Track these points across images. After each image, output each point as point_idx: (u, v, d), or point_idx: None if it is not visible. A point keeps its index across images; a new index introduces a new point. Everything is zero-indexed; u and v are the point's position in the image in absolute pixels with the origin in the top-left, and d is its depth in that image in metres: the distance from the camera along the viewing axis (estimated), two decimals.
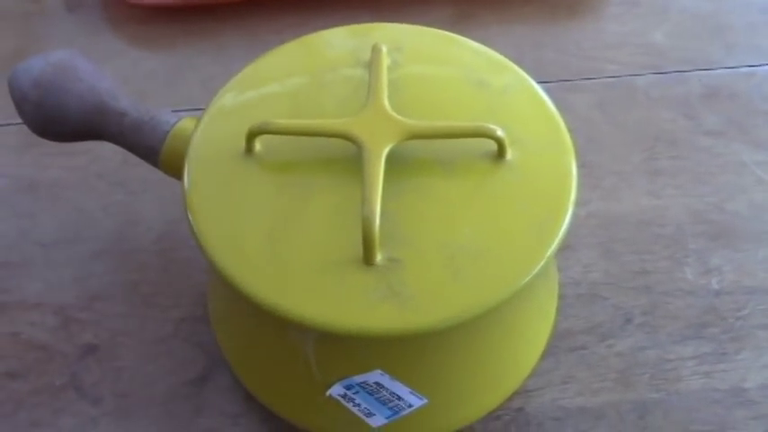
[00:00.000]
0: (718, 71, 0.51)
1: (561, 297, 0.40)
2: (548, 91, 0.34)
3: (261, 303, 0.28)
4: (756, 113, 0.49)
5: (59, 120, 0.36)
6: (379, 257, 0.28)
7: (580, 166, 0.46)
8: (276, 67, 0.35)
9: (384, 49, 0.33)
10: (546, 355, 0.39)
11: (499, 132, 0.30)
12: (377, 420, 0.32)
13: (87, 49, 0.40)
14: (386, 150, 0.29)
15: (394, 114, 0.31)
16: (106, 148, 0.47)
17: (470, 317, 0.27)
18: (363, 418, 0.32)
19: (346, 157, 0.31)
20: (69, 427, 0.37)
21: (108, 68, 0.48)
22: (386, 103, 0.31)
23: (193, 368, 0.39)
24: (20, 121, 0.38)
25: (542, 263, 0.29)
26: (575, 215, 0.43)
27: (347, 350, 0.30)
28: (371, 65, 0.32)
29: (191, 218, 0.30)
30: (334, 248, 0.29)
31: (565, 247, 0.42)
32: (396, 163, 0.30)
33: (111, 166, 0.46)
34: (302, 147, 0.31)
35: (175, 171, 0.35)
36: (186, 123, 0.35)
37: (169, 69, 0.51)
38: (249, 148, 0.31)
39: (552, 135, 0.32)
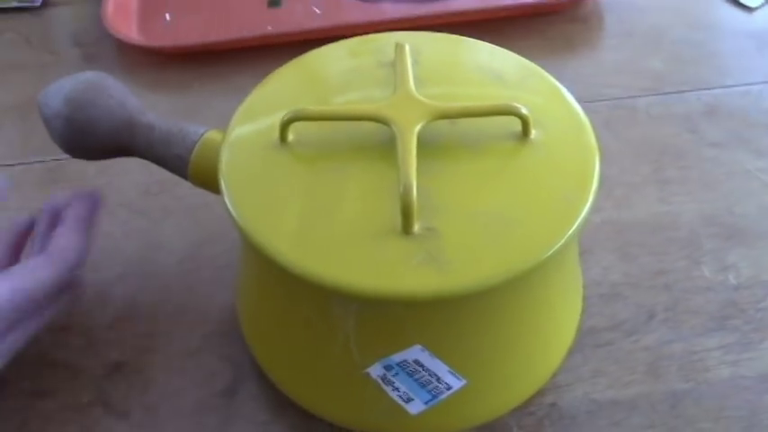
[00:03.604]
0: (715, 90, 0.53)
1: (584, 298, 0.41)
2: None
3: (304, 275, 0.28)
4: (755, 126, 0.50)
5: (89, 134, 0.37)
6: (416, 227, 0.29)
7: None
8: (301, 71, 0.36)
9: (407, 45, 0.35)
10: (573, 351, 0.39)
11: (524, 110, 0.32)
12: (416, 406, 0.32)
13: None
14: (417, 128, 0.31)
15: (422, 98, 0.32)
16: (127, 180, 0.48)
17: (507, 278, 0.28)
18: (402, 404, 0.32)
19: (377, 142, 0.32)
20: None
21: None
22: (413, 89, 0.32)
23: (221, 380, 0.39)
24: (42, 158, 0.39)
25: (573, 229, 0.29)
26: (590, 222, 0.45)
27: (388, 322, 0.30)
28: (396, 58, 0.34)
29: (227, 200, 0.31)
30: (372, 221, 0.29)
31: (583, 251, 0.43)
32: (425, 146, 0.32)
33: (133, 196, 0.47)
34: (334, 134, 0.33)
35: (204, 180, 0.36)
36: (214, 134, 0.36)
37: (184, 110, 0.53)
38: (283, 137, 0.32)
39: (570, 117, 0.34)
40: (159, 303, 0.42)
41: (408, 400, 0.32)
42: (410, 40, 0.36)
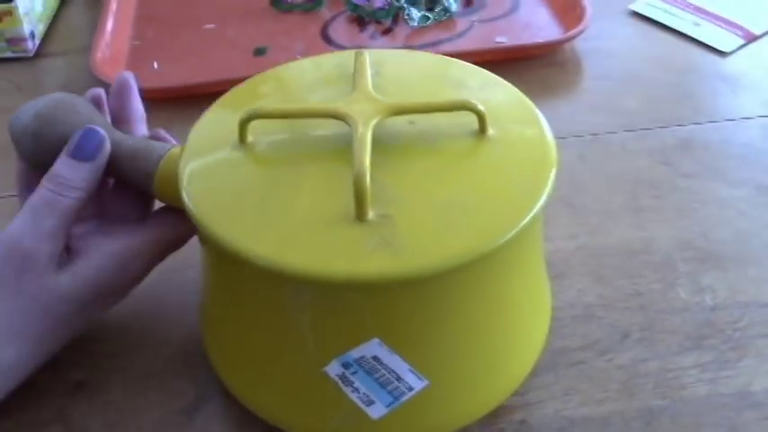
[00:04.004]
0: (689, 126, 0.54)
1: (556, 319, 0.40)
2: None
3: (258, 261, 0.28)
4: (729, 158, 0.51)
5: (57, 148, 0.38)
6: (370, 214, 0.29)
7: (566, 206, 0.48)
8: (263, 82, 0.37)
9: (367, 54, 0.35)
10: (544, 370, 0.38)
11: (480, 106, 0.32)
12: (377, 410, 0.31)
13: None
14: (373, 122, 0.31)
15: (378, 96, 0.33)
16: None
17: (462, 261, 0.28)
18: (363, 407, 0.31)
19: (336, 142, 0.32)
20: None
21: None
22: (370, 88, 0.33)
23: (184, 399, 0.38)
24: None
25: (528, 218, 0.29)
26: (564, 248, 0.45)
27: (344, 312, 0.30)
28: (356, 64, 0.35)
29: (185, 195, 0.31)
30: (327, 211, 0.29)
31: (557, 275, 0.43)
32: (384, 145, 0.32)
33: None
34: (294, 135, 0.33)
35: (168, 193, 0.36)
36: (178, 150, 0.37)
37: None
38: (242, 137, 0.33)
39: (528, 117, 0.34)
40: (126, 326, 0.41)
41: (369, 403, 0.31)
42: (373, 55, 0.37)
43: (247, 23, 0.66)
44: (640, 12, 0.65)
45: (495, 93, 0.36)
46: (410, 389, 0.31)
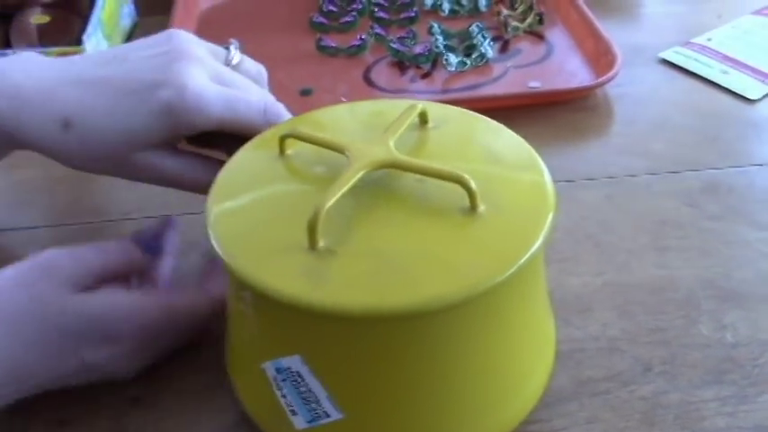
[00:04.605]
0: (714, 170, 0.56)
1: (582, 350, 0.43)
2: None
3: (223, 259, 0.33)
4: (754, 202, 0.53)
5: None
6: (320, 244, 0.32)
7: (594, 244, 0.50)
8: (333, 113, 0.43)
9: (420, 106, 0.39)
10: (569, 399, 0.40)
11: (472, 183, 0.33)
12: (299, 422, 0.34)
13: None
14: (365, 168, 0.35)
15: (389, 146, 0.36)
16: None
17: (365, 313, 0.30)
18: (289, 415, 0.34)
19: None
20: None
21: None
22: (391, 139, 0.36)
23: (230, 415, 0.40)
24: (91, 220, 0.47)
25: (464, 294, 0.30)
26: (590, 283, 0.47)
27: (274, 321, 0.34)
28: (403, 113, 0.38)
29: (210, 190, 0.37)
30: (297, 234, 0.33)
31: (583, 309, 0.45)
32: (383, 193, 0.35)
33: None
34: (319, 158, 0.38)
35: None
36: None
37: None
38: (281, 150, 0.38)
39: (535, 210, 0.34)
40: (176, 349, 0.44)
41: (293, 413, 0.34)
42: (436, 110, 0.40)
43: (295, 66, 0.70)
44: (670, 59, 0.67)
45: (521, 177, 0.36)
46: (327, 415, 0.33)
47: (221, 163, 0.44)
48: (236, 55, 0.47)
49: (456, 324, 0.32)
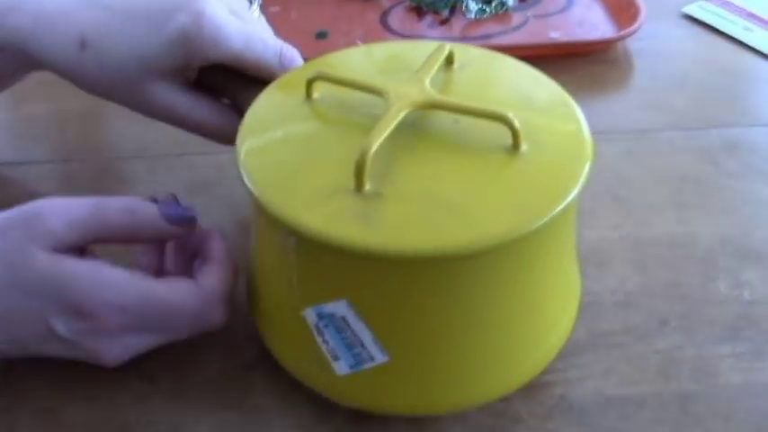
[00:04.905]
0: (736, 129, 0.55)
1: (598, 303, 0.42)
2: None
3: (261, 203, 0.32)
4: None
5: None
6: (367, 187, 0.31)
7: (612, 198, 0.50)
8: (350, 55, 0.41)
9: (448, 47, 0.38)
10: (585, 350, 0.40)
11: (515, 122, 0.33)
12: (341, 367, 0.34)
13: None
14: (406, 108, 0.34)
15: (426, 87, 0.35)
16: (172, 178, 0.51)
17: (424, 255, 0.30)
18: (330, 360, 0.34)
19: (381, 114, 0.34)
20: (127, 401, 0.39)
21: None
22: (425, 78, 0.35)
23: (244, 355, 0.40)
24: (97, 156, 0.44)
25: (518, 234, 0.30)
26: (608, 237, 0.46)
27: (320, 266, 0.33)
28: (432, 54, 0.37)
29: (239, 135, 0.36)
30: (339, 177, 0.32)
31: (600, 263, 0.45)
32: (421, 134, 0.35)
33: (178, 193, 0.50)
34: (355, 102, 0.37)
35: None
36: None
37: None
38: (308, 94, 0.37)
39: (573, 147, 0.34)
40: None
41: (335, 358, 0.34)
42: (461, 51, 0.39)
43: (311, 8, 0.68)
44: (693, 15, 0.66)
45: (554, 111, 0.36)
46: (372, 359, 0.33)
47: (234, 111, 0.44)
48: (256, 11, 0.46)
49: (505, 263, 0.32)
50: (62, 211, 0.36)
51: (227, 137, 0.44)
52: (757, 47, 0.62)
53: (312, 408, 0.38)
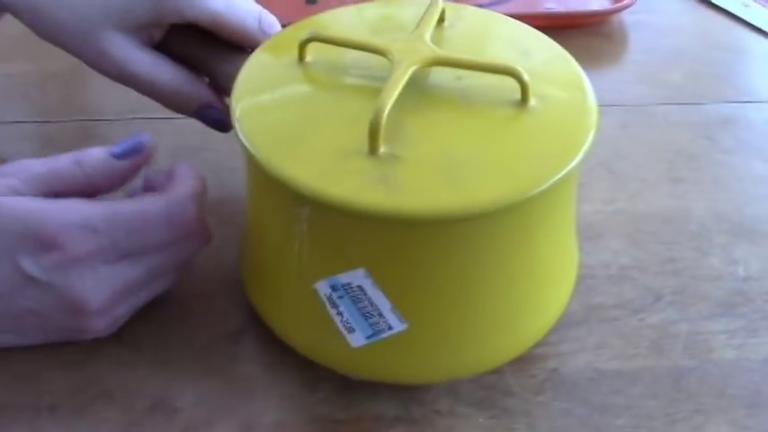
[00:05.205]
0: (732, 104, 0.54)
1: (591, 277, 0.42)
2: None
3: (268, 170, 0.30)
4: None
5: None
6: (381, 149, 0.30)
7: (606, 171, 0.49)
8: (338, 14, 0.40)
9: (441, 4, 0.36)
10: (578, 323, 0.40)
11: (525, 75, 0.32)
12: (357, 339, 0.33)
13: None
14: (413, 67, 0.32)
15: (429, 44, 0.34)
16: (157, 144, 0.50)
17: (453, 214, 0.29)
18: (345, 333, 0.33)
19: (381, 78, 0.33)
20: (106, 368, 0.37)
21: None
22: (426, 36, 0.34)
23: (231, 323, 0.39)
24: (79, 118, 0.42)
25: (537, 190, 0.30)
26: (602, 211, 0.46)
27: (336, 234, 0.31)
28: (426, 10, 0.36)
29: (233, 101, 0.34)
30: (348, 140, 0.31)
31: (594, 236, 0.44)
32: (424, 93, 0.34)
33: (161, 159, 0.49)
34: (350, 63, 0.35)
35: None
36: None
37: None
38: (301, 56, 0.35)
39: (579, 99, 0.34)
40: None
41: (350, 330, 0.33)
42: (452, 9, 0.38)
43: None
44: None
45: (555, 67, 0.36)
46: (389, 327, 0.32)
47: (205, 81, 0.42)
48: None
49: (523, 221, 0.31)
50: (21, 168, 0.35)
51: (184, 104, 0.42)
52: (754, 23, 0.61)
53: (300, 377, 0.37)
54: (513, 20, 0.39)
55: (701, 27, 0.62)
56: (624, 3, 0.60)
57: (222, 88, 0.43)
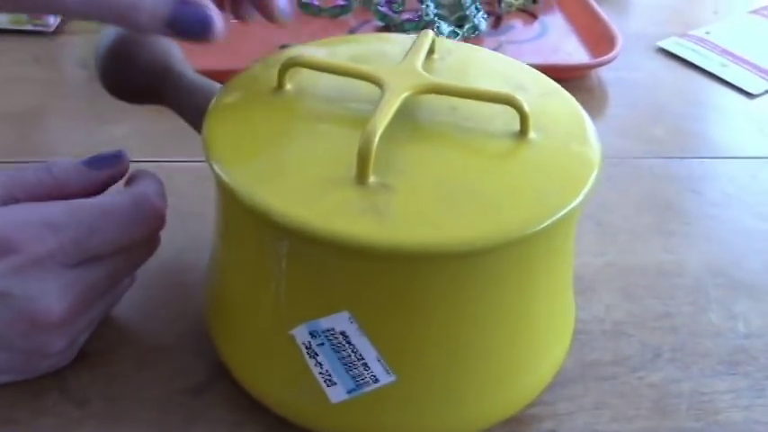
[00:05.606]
0: (716, 160, 0.53)
1: (585, 332, 0.39)
2: None
3: (242, 198, 0.27)
4: (757, 193, 0.50)
5: (127, 66, 0.38)
6: (371, 179, 0.27)
7: (594, 224, 0.47)
8: (323, 45, 0.37)
9: (431, 34, 0.34)
10: (574, 381, 0.37)
11: (525, 105, 0.30)
12: (337, 393, 0.29)
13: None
14: (405, 93, 0.30)
15: (421, 72, 0.32)
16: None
17: (452, 248, 0.26)
18: (324, 386, 0.29)
19: (369, 107, 0.30)
20: (49, 426, 0.33)
21: (127, 126, 0.50)
22: (418, 63, 0.32)
23: (192, 378, 0.35)
24: (32, 160, 0.38)
25: (541, 226, 0.27)
26: (592, 264, 0.43)
27: (317, 273, 0.28)
28: (417, 40, 0.34)
29: (205, 128, 0.31)
30: (334, 169, 0.28)
31: (585, 289, 0.41)
32: (416, 123, 0.31)
33: None
34: (334, 91, 0.32)
35: None
36: None
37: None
38: (281, 83, 0.32)
39: (580, 133, 0.32)
40: (135, 299, 0.39)
41: (330, 383, 0.29)
42: (443, 43, 0.36)
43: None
44: (668, 49, 0.65)
45: (553, 101, 0.34)
46: (375, 380, 0.29)
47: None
48: None
49: (532, 253, 0.29)
50: None
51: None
52: (734, 82, 0.61)
53: None
54: (504, 56, 0.37)
55: (680, 85, 0.62)
56: (607, 57, 0.59)
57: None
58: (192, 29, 0.31)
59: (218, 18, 0.31)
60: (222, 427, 0.33)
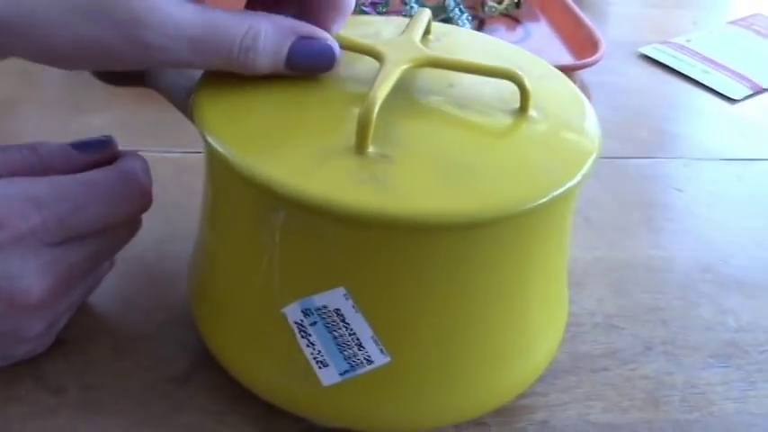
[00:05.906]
0: (701, 161, 0.53)
1: (577, 324, 0.38)
2: None
3: (237, 167, 0.26)
4: (742, 194, 0.50)
5: None
6: (370, 149, 0.26)
7: (583, 219, 0.46)
8: None
9: (428, 13, 0.34)
10: (567, 372, 0.36)
11: (526, 80, 0.30)
12: (329, 375, 0.28)
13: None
14: (405, 65, 0.29)
15: (420, 45, 0.31)
16: None
17: (453, 218, 0.25)
18: (315, 368, 0.28)
19: (367, 77, 0.30)
20: (22, 414, 0.31)
21: (105, 116, 0.49)
22: (416, 37, 0.31)
23: (175, 367, 0.34)
24: None
25: (543, 200, 0.26)
26: (582, 258, 0.43)
27: (313, 245, 0.27)
28: (414, 18, 0.33)
29: (196, 99, 0.29)
30: (332, 139, 0.27)
31: (575, 283, 0.41)
32: (414, 97, 0.31)
33: None
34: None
35: None
36: None
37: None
38: None
39: (578, 112, 0.32)
40: (116, 287, 0.38)
41: (322, 365, 0.28)
42: (439, 27, 0.36)
43: None
44: (650, 55, 0.65)
45: (552, 83, 0.33)
46: (369, 361, 0.28)
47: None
48: None
49: (521, 234, 0.28)
50: None
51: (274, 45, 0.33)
52: (716, 88, 0.61)
53: (255, 428, 0.32)
54: (500, 40, 0.36)
55: (663, 90, 0.62)
56: (592, 59, 0.59)
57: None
58: (315, 65, 0.30)
59: (337, 47, 0.30)
60: (207, 417, 0.32)
